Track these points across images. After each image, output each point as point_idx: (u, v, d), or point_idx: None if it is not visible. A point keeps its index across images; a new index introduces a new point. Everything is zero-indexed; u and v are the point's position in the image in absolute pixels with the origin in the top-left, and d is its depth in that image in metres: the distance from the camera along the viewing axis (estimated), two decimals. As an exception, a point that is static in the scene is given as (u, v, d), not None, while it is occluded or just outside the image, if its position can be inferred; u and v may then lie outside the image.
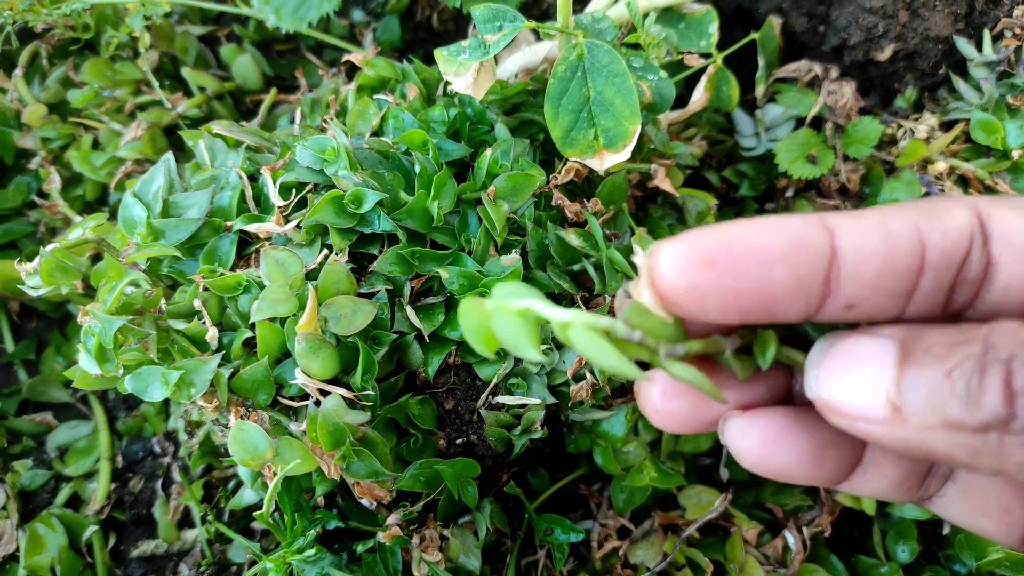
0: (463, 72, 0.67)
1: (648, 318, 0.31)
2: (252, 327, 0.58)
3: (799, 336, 0.36)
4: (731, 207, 0.92)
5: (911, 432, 0.28)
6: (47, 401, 0.88)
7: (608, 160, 0.65)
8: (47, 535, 0.77)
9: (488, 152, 0.65)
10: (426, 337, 0.62)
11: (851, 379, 0.30)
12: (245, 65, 0.95)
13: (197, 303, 0.58)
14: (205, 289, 0.59)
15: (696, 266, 0.30)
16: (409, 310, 0.61)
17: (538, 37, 0.87)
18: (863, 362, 0.30)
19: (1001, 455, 0.27)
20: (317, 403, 0.56)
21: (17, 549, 0.77)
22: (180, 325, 0.57)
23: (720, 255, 0.30)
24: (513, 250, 0.65)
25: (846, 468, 0.37)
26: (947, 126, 0.87)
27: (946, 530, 0.78)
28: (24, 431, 0.85)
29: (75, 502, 0.83)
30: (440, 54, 0.67)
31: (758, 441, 0.35)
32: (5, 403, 0.86)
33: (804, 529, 0.76)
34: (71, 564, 0.77)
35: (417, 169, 0.62)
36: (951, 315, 0.34)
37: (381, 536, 0.58)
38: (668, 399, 0.36)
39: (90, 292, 0.83)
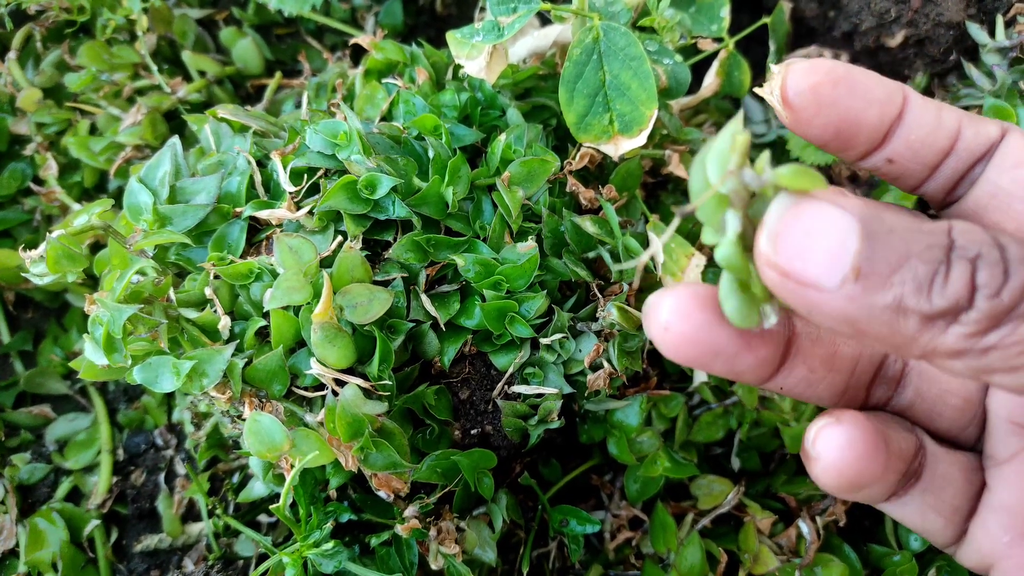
0: (476, 55, 0.66)
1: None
2: (265, 316, 0.57)
3: None
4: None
5: (857, 307, 0.29)
6: (45, 393, 0.86)
7: (623, 146, 0.64)
8: (48, 530, 0.75)
9: (502, 137, 0.64)
10: (442, 326, 0.60)
11: (811, 244, 0.30)
12: (246, 49, 0.92)
13: (208, 291, 0.57)
14: (216, 277, 0.58)
15: (822, 84, 0.38)
16: (424, 298, 0.60)
17: (544, 21, 0.85)
18: (828, 229, 0.29)
19: (933, 344, 0.30)
20: (334, 393, 0.54)
21: (17, 544, 0.76)
22: (191, 314, 0.56)
23: (842, 81, 0.38)
24: (528, 237, 0.63)
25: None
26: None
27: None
28: (22, 424, 0.83)
29: (75, 496, 0.81)
30: (452, 36, 0.66)
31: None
32: (2, 396, 0.84)
33: (817, 518, 0.75)
34: (73, 559, 0.75)
35: (431, 154, 0.61)
36: (946, 205, 0.42)
37: (399, 529, 0.57)
38: (676, 320, 0.35)
39: (88, 282, 0.81)
